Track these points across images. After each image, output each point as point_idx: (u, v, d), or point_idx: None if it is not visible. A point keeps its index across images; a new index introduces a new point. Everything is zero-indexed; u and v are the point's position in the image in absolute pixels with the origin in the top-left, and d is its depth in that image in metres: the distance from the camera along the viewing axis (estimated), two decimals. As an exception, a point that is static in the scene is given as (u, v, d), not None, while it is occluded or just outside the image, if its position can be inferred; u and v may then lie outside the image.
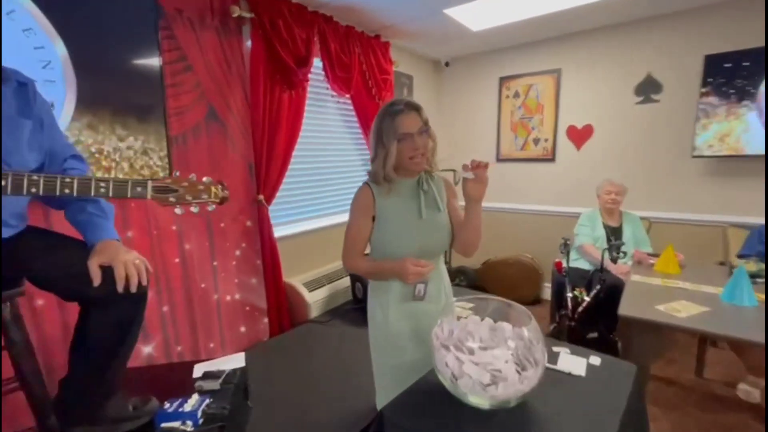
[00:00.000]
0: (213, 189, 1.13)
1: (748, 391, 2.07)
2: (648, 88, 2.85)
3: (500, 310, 1.17)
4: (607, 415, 0.96)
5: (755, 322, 1.43)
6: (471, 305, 1.23)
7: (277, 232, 2.35)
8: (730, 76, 2.46)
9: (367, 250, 1.26)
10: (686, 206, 2.78)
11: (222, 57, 1.98)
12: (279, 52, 2.10)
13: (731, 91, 2.46)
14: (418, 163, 1.13)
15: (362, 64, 2.70)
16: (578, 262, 2.68)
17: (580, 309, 2.22)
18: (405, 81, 3.39)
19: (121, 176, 1.64)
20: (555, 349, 1.24)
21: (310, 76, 2.36)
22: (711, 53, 2.50)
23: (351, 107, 2.79)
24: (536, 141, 3.39)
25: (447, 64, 3.74)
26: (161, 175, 1.78)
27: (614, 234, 2.64)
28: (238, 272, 2.16)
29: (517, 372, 0.92)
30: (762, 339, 1.28)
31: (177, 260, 1.89)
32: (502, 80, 3.46)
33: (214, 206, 1.15)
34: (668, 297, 1.68)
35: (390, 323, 1.20)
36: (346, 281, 2.65)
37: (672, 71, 2.74)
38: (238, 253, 2.15)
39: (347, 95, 2.64)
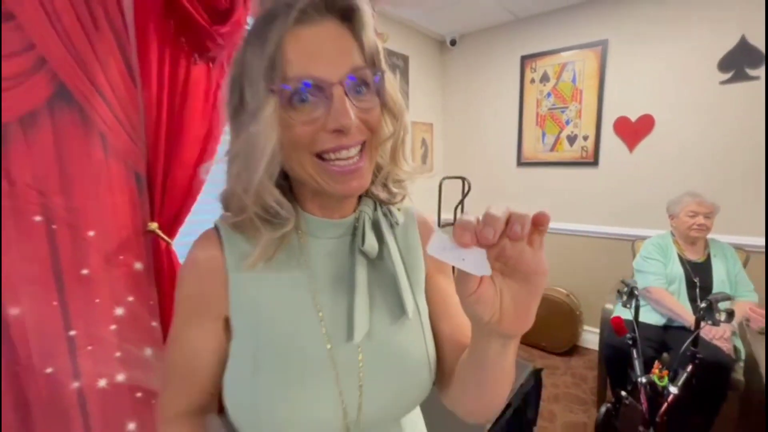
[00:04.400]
0: None
1: None
2: (741, 60, 1.98)
3: None
4: None
5: None
6: None
7: (192, 276, 1.58)
8: None
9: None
10: (805, 231, 1.90)
11: (81, 3, 1.23)
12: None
13: None
14: (343, 167, 0.44)
15: (330, 33, 1.92)
16: (642, 312, 1.84)
17: (664, 407, 1.36)
18: (397, 62, 2.60)
19: None
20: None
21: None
22: None
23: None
24: (572, 139, 2.55)
25: (453, 43, 2.93)
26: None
27: (698, 273, 1.79)
28: (121, 341, 1.40)
29: None
30: None
31: (-8, 335, 1.14)
32: (525, 59, 2.64)
33: None
34: None
35: None
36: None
37: (780, 33, 1.88)
38: (119, 311, 1.39)
39: (305, 74, 1.86)
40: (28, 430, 1.22)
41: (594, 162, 2.49)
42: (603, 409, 1.69)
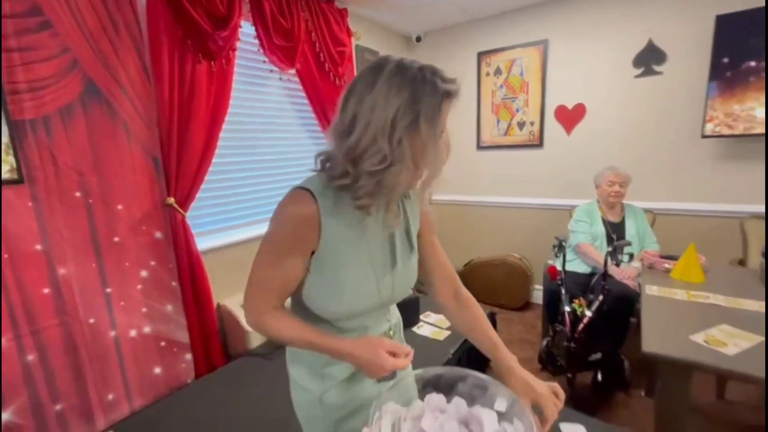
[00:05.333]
0: None
1: (783, 418, 1.70)
2: (649, 58, 2.43)
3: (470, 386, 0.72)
4: None
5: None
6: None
7: (202, 244, 1.85)
8: (745, 41, 2.05)
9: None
10: (696, 195, 2.39)
11: (104, 12, 1.46)
12: (187, 8, 1.59)
13: (748, 59, 2.06)
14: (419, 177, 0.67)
15: (311, 33, 2.20)
16: (573, 264, 2.27)
17: (580, 327, 1.80)
18: (369, 57, 2.90)
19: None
20: (565, 428, 0.80)
21: (239, 44, 1.85)
22: (723, 13, 2.09)
23: (299, 86, 2.28)
24: (521, 125, 2.95)
25: (419, 39, 3.26)
26: None
27: (615, 231, 2.24)
28: (147, 299, 1.66)
29: None
30: None
31: (46, 291, 1.38)
32: (481, 55, 3.00)
33: None
34: (701, 319, 1.26)
35: (328, 412, 0.78)
36: (298, 299, 2.17)
37: (677, 37, 2.33)
38: (144, 274, 1.65)
39: (291, 69, 2.14)
40: (78, 369, 1.48)
41: (540, 144, 2.91)
42: (544, 342, 2.12)
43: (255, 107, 2.15)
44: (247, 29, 1.91)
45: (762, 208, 2.14)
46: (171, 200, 1.67)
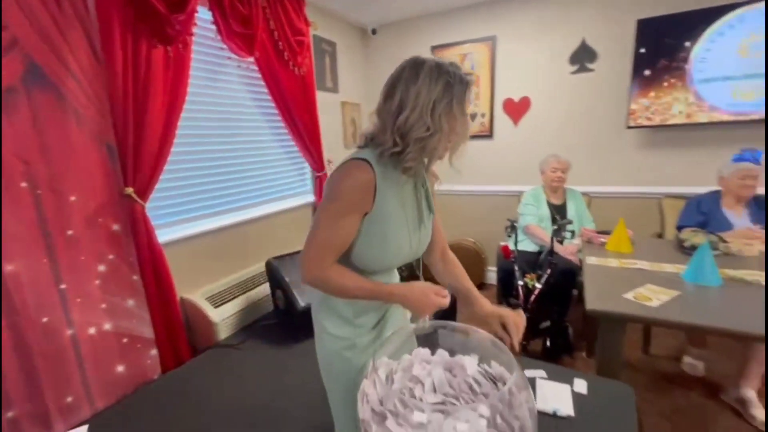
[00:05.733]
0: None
1: (693, 364, 2.02)
2: (583, 57, 2.70)
3: (450, 336, 0.82)
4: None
5: (723, 302, 1.26)
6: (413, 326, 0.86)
7: (163, 237, 1.79)
8: (662, 42, 2.36)
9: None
10: (623, 179, 2.71)
11: (45, -11, 1.35)
12: (141, -11, 1.51)
13: (664, 58, 2.37)
14: (446, 148, 0.85)
15: (269, 20, 2.18)
16: (524, 244, 2.48)
17: (532, 298, 1.99)
18: (327, 48, 2.91)
19: None
20: (528, 373, 0.93)
21: (196, 30, 1.79)
22: (643, 17, 2.38)
23: (258, 75, 2.25)
24: (473, 116, 3.13)
25: (374, 32, 3.32)
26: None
27: (559, 212, 2.48)
28: (106, 294, 1.58)
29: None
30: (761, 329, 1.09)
31: (-8, 289, 1.28)
32: (435, 49, 3.13)
33: None
34: (631, 281, 1.48)
35: (357, 354, 0.92)
36: (265, 289, 2.17)
37: (605, 38, 2.61)
38: (102, 268, 1.57)
39: (250, 57, 2.11)
40: (31, 372, 1.39)
41: (490, 135, 3.11)
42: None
43: (215, 95, 2.09)
44: (204, 14, 1.86)
45: (676, 190, 2.49)
46: (129, 190, 1.60)
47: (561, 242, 2.07)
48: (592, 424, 0.77)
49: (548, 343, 2.14)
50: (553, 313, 2.11)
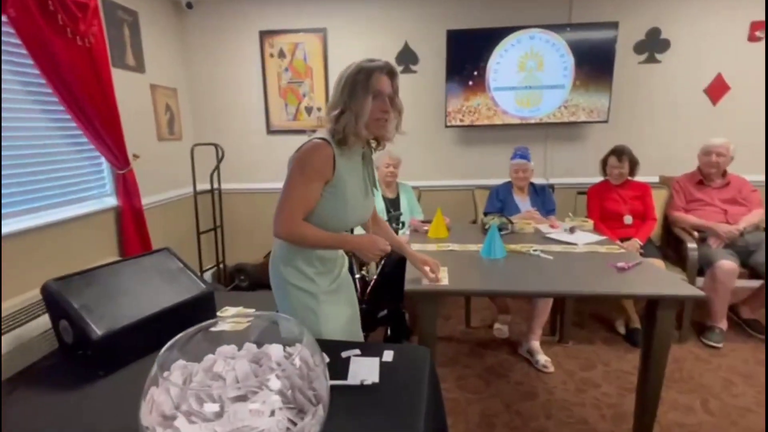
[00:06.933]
0: None
1: (500, 329, 2.59)
2: (407, 58, 3.12)
3: (268, 327, 0.90)
4: (410, 417, 0.84)
5: (507, 270, 1.68)
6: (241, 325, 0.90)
7: None
8: (467, 53, 2.93)
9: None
10: (446, 173, 3.26)
11: None
12: None
13: (469, 67, 2.94)
14: (382, 126, 1.17)
15: (29, -28, 1.82)
16: (362, 238, 2.73)
17: (368, 289, 2.22)
18: (125, 17, 2.59)
19: None
20: (343, 354, 1.07)
21: None
22: (451, 29, 2.91)
23: (19, 42, 1.86)
24: (309, 110, 3.26)
25: (189, 5, 3.10)
26: None
27: (393, 205, 2.81)
28: None
29: (292, 424, 0.65)
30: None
31: None
32: (264, 35, 3.14)
33: None
34: (443, 261, 1.81)
35: (317, 303, 1.25)
36: (44, 322, 1.80)
37: (424, 43, 3.08)
38: None
39: None
40: None
41: (328, 130, 3.30)
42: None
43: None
44: None
45: (484, 182, 3.12)
46: None
47: (396, 232, 2.37)
48: (394, 384, 0.95)
49: (389, 332, 2.42)
50: (390, 302, 2.39)
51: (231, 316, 1.04)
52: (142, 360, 1.20)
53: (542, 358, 2.21)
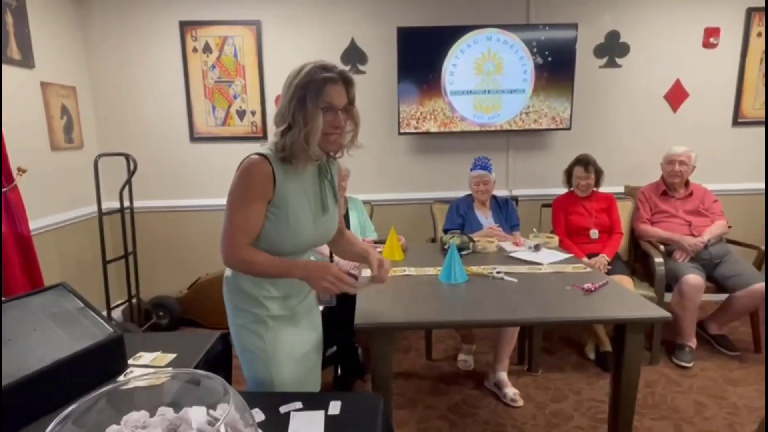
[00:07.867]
0: None
1: (465, 359, 2.64)
2: (354, 57, 3.16)
3: (186, 387, 0.85)
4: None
5: (468, 296, 1.72)
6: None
7: None
8: (420, 52, 3.02)
9: None
10: (400, 185, 3.30)
11: None
12: None
13: (423, 68, 3.03)
14: (333, 142, 1.19)
15: None
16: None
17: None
18: (7, 1, 2.41)
19: None
20: (282, 409, 1.04)
21: None
22: (402, 26, 2.99)
23: None
24: (241, 114, 3.20)
25: (91, -11, 2.95)
26: None
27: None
28: None
29: None
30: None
31: None
32: (185, 26, 3.05)
33: None
34: (398, 289, 1.83)
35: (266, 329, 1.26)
36: None
37: (373, 41, 3.14)
38: None
39: None
40: None
41: (264, 137, 3.23)
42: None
43: None
44: None
45: (443, 195, 3.20)
46: None
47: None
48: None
49: (339, 371, 2.39)
50: (339, 338, 2.37)
51: (141, 376, 0.95)
52: (33, 425, 1.08)
53: (510, 392, 2.27)
